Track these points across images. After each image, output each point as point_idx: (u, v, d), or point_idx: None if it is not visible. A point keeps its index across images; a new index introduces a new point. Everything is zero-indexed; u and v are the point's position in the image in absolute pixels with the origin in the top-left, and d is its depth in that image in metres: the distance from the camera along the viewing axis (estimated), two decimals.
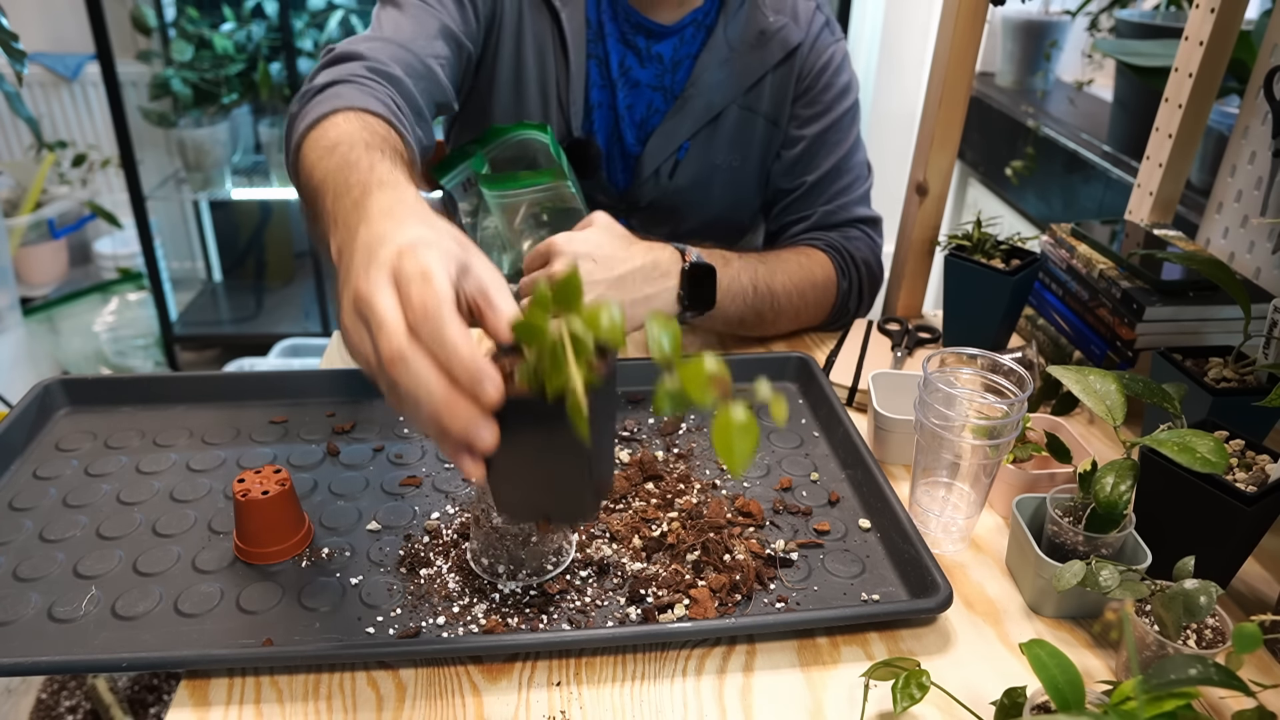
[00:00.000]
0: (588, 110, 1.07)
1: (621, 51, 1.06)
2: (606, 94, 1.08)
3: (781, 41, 1.06)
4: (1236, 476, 0.66)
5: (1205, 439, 0.61)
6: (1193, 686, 0.44)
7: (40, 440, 0.83)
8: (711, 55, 1.05)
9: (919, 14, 2.62)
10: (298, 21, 2.49)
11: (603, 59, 1.06)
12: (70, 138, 2.59)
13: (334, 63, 0.88)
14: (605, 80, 1.07)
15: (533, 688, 0.61)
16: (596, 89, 1.07)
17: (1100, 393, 0.66)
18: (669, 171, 1.10)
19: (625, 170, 1.12)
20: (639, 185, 1.11)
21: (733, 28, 1.06)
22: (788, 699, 0.61)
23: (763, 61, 1.06)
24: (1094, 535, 0.66)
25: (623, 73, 1.07)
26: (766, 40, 1.06)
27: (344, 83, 0.83)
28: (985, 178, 2.32)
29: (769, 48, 1.06)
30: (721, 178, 1.12)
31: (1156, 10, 1.98)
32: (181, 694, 0.60)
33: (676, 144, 1.08)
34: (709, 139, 1.09)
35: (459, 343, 0.48)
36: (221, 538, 0.72)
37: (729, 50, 1.06)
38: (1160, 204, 1.08)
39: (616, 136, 1.10)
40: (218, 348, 2.78)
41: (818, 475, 0.82)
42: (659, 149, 1.08)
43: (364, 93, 0.82)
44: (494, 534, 0.66)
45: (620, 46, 1.06)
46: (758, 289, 0.99)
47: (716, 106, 1.07)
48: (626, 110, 1.09)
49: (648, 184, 1.11)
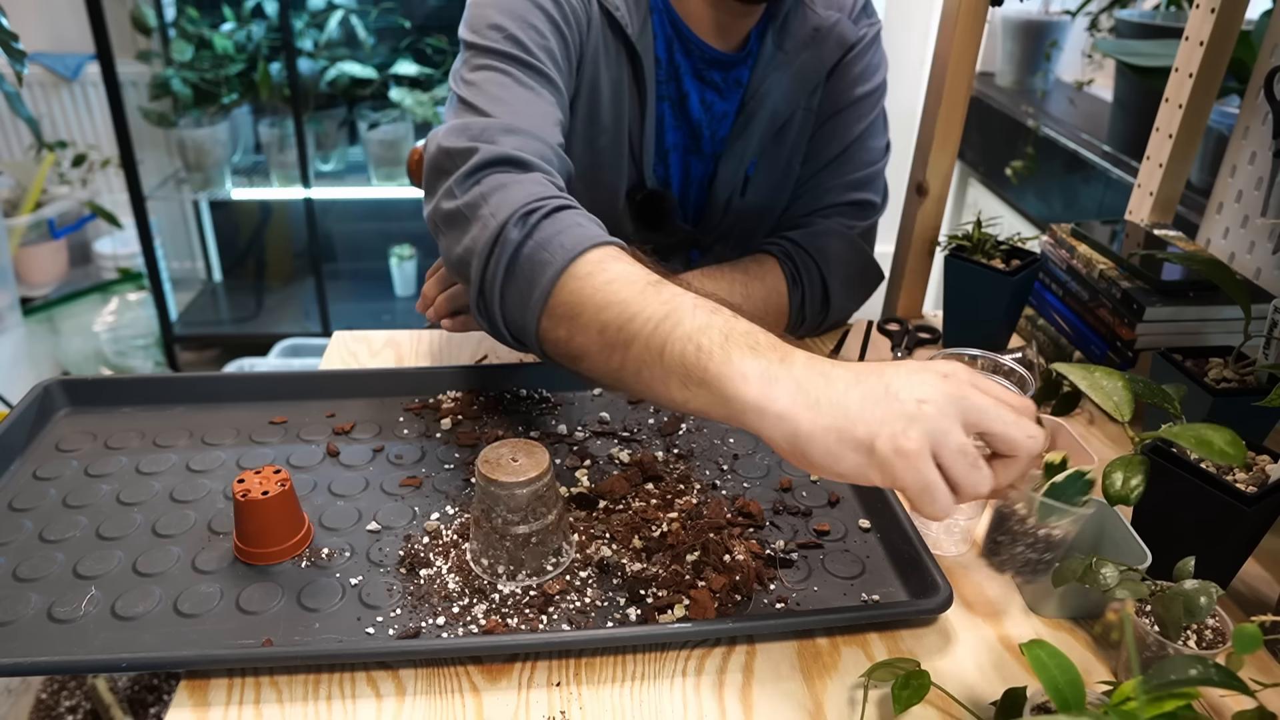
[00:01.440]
0: (661, 155, 1.02)
1: (700, 89, 0.99)
2: (681, 136, 1.02)
3: (838, 39, 1.00)
4: (1236, 477, 0.66)
5: (1221, 432, 0.61)
6: (1193, 687, 0.44)
7: (40, 441, 0.83)
8: (766, 63, 0.99)
9: (919, 14, 2.62)
10: (298, 21, 2.49)
11: (676, 100, 0.99)
12: (70, 138, 2.59)
13: (492, 165, 0.73)
14: (681, 121, 1.01)
15: (532, 688, 0.61)
16: (671, 131, 1.01)
17: (1107, 389, 0.66)
18: (740, 191, 1.04)
19: (699, 202, 1.07)
20: (712, 213, 1.05)
21: (784, 31, 1.00)
22: (788, 699, 0.61)
23: (821, 61, 1.00)
24: (1049, 503, 0.59)
25: (705, 108, 1.00)
26: (822, 37, 1.00)
27: (568, 209, 0.70)
28: (985, 178, 2.32)
29: (826, 45, 1.00)
30: (787, 185, 1.07)
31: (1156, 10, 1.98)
32: (181, 694, 0.60)
33: (746, 161, 1.02)
34: (775, 149, 1.03)
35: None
36: (221, 538, 0.72)
37: (783, 54, 1.00)
38: (1160, 204, 1.08)
39: (696, 175, 1.05)
40: (218, 348, 2.78)
41: (817, 476, 0.82)
42: (731, 171, 1.02)
43: (587, 218, 0.70)
44: (494, 534, 0.66)
45: (697, 84, 0.99)
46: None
47: (782, 114, 1.01)
48: (717, 145, 1.03)
49: (720, 210, 1.05)
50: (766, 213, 1.08)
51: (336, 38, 2.56)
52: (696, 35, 0.97)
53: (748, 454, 0.84)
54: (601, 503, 0.76)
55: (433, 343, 1.05)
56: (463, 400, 0.90)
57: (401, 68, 2.55)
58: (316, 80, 2.54)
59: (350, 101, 2.63)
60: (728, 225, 1.07)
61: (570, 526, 0.73)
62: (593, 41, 0.91)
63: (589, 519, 0.75)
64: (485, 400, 0.91)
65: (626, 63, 0.94)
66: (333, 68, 2.52)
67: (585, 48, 0.91)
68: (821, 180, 1.06)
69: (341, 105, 2.62)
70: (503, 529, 0.66)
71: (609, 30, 0.92)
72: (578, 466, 0.82)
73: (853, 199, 1.06)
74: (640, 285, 0.62)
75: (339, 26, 2.53)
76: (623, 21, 0.91)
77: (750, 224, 1.08)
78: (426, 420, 0.88)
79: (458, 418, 0.88)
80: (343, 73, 2.52)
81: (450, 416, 0.88)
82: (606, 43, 0.92)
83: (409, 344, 1.05)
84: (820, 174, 1.06)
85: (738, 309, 0.64)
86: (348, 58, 2.55)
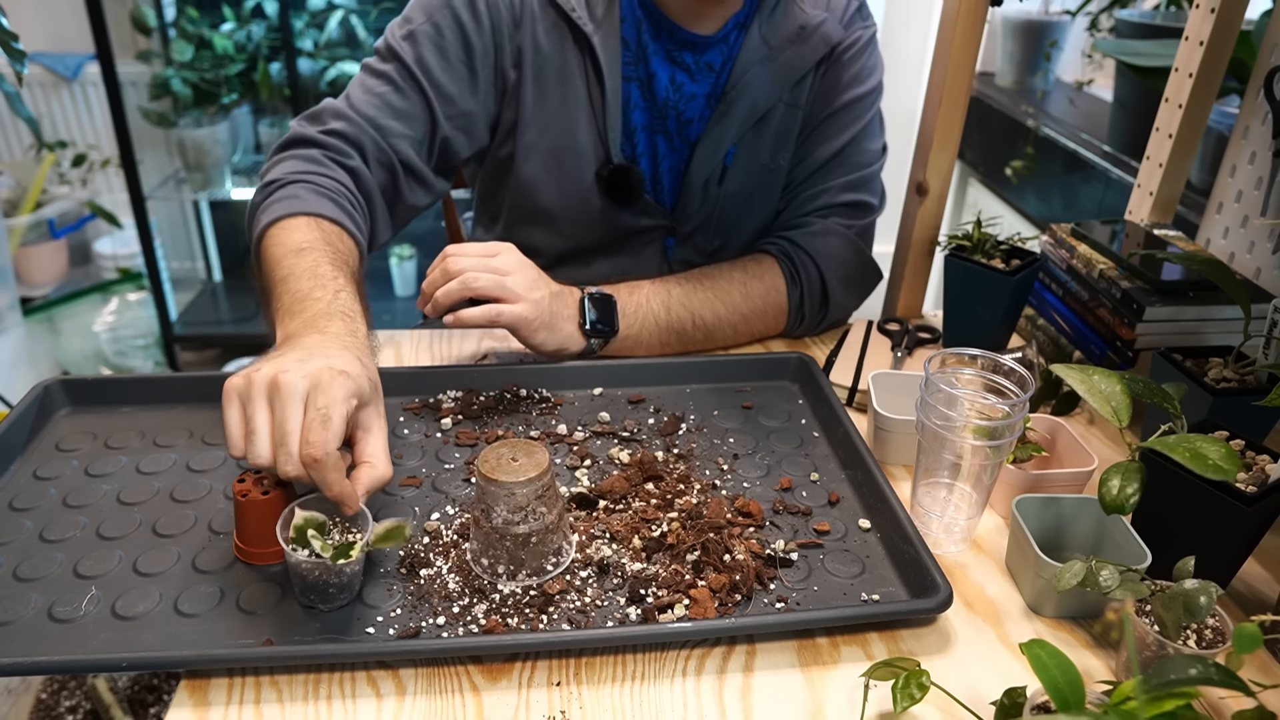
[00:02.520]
0: (628, 134, 1.04)
1: (670, 70, 1.02)
2: (649, 116, 1.04)
3: (823, 37, 1.02)
4: (1237, 477, 0.66)
5: (1217, 445, 0.61)
6: (1193, 687, 0.44)
7: (40, 440, 0.83)
8: (750, 55, 1.01)
9: (919, 14, 2.62)
10: (298, 21, 2.49)
11: (645, 80, 1.02)
12: (70, 138, 2.59)
13: (293, 145, 0.95)
14: (649, 101, 1.03)
15: (533, 688, 0.61)
16: (639, 111, 1.03)
17: (1106, 393, 0.66)
18: (718, 179, 1.06)
19: (674, 186, 1.08)
20: (688, 199, 1.07)
21: (770, 25, 1.02)
22: (788, 699, 0.61)
23: (804, 58, 1.02)
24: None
25: (675, 89, 1.03)
26: (807, 35, 1.02)
27: (302, 183, 0.89)
28: (985, 178, 2.32)
29: (810, 43, 1.02)
30: (769, 180, 1.08)
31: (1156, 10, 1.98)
32: (181, 694, 0.60)
33: (724, 149, 1.04)
34: (755, 140, 1.05)
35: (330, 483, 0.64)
36: (221, 538, 0.72)
37: (768, 48, 1.02)
38: (1160, 204, 1.08)
39: (665, 154, 1.06)
40: (218, 348, 2.78)
41: (818, 475, 0.82)
42: (706, 157, 1.04)
43: (320, 196, 0.89)
44: (494, 534, 0.66)
45: (668, 65, 1.02)
46: (671, 311, 0.98)
47: (762, 106, 1.03)
48: (683, 125, 1.05)
49: (697, 196, 1.07)
50: (747, 206, 1.09)
51: (336, 38, 2.56)
52: (668, 17, 1.00)
53: (748, 454, 0.84)
54: (601, 503, 0.76)
55: (433, 342, 1.05)
56: (463, 400, 0.90)
57: None
58: (316, 80, 2.54)
59: None
60: (705, 213, 1.08)
61: (570, 526, 0.73)
62: (527, 31, 0.98)
63: (589, 519, 0.75)
64: (485, 400, 0.91)
65: (574, 47, 0.99)
66: (333, 68, 2.52)
67: (520, 37, 0.98)
68: (817, 181, 1.07)
69: None
70: (503, 529, 0.66)
71: (555, 17, 0.98)
72: (578, 466, 0.82)
73: (849, 200, 1.07)
74: (290, 249, 0.82)
75: (339, 26, 2.53)
76: (567, 7, 0.97)
77: (731, 216, 1.10)
78: (426, 420, 0.88)
79: (458, 418, 0.88)
80: (343, 73, 2.52)
81: (450, 416, 0.88)
82: (551, 30, 0.98)
83: (409, 344, 1.05)
84: (816, 175, 1.07)
85: (736, 309, 1.00)
86: (348, 58, 2.55)
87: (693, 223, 1.09)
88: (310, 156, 0.93)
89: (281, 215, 0.86)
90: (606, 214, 1.06)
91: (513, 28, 0.98)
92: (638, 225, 1.08)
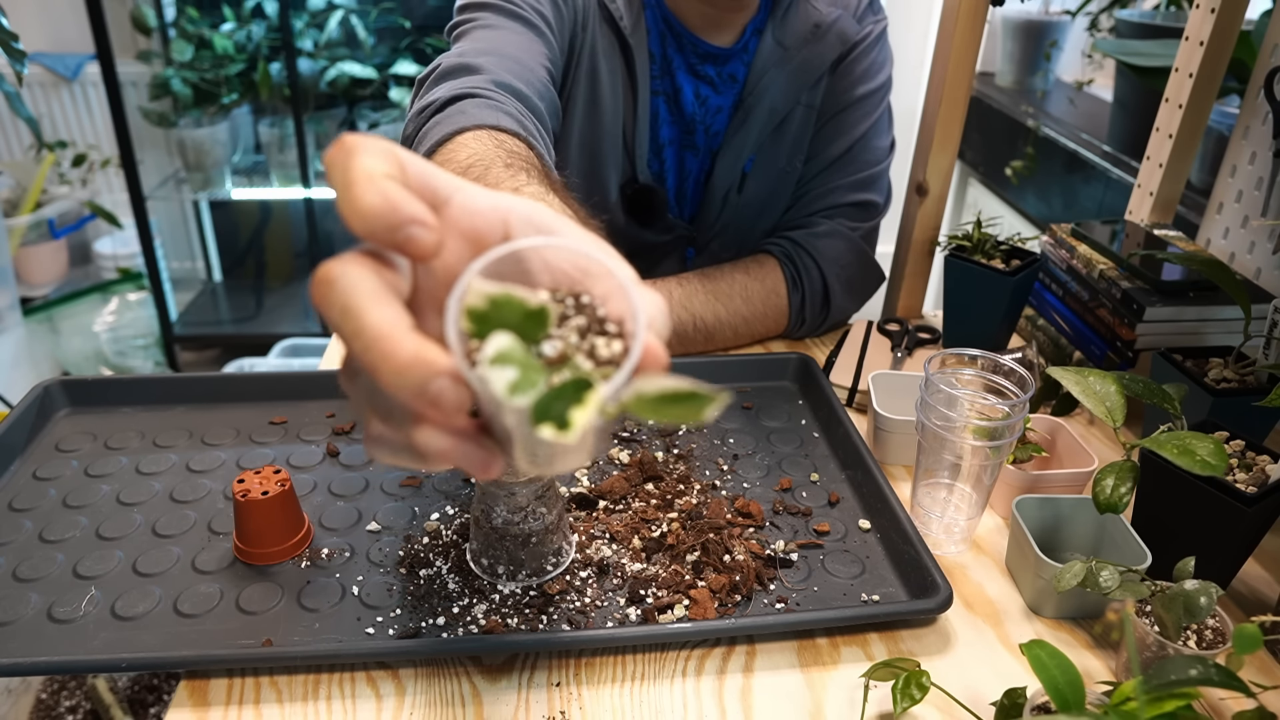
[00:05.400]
0: (655, 150, 1.03)
1: (694, 83, 1.00)
2: (677, 130, 1.03)
3: (839, 34, 1.00)
4: (1236, 477, 0.66)
5: (1205, 441, 0.61)
6: (1193, 687, 0.44)
7: (40, 441, 0.83)
8: (765, 59, 1.00)
9: (919, 14, 2.62)
10: (298, 21, 2.50)
11: (671, 94, 1.00)
12: (70, 138, 2.59)
13: (447, 75, 0.80)
14: (676, 115, 1.02)
15: (532, 688, 0.61)
16: (666, 126, 1.02)
17: (1100, 394, 0.66)
18: (737, 187, 1.05)
19: (695, 197, 1.07)
20: (709, 209, 1.05)
21: (782, 27, 1.00)
22: (788, 699, 0.61)
23: (821, 56, 1.00)
24: None
25: (700, 102, 1.01)
26: (823, 34, 1.00)
27: (468, 97, 0.75)
28: (985, 178, 2.32)
29: (826, 41, 1.00)
30: (785, 182, 1.07)
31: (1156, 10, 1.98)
32: (181, 694, 0.60)
33: (744, 157, 1.03)
34: (774, 146, 1.04)
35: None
36: (221, 538, 0.72)
37: (782, 50, 1.00)
38: (1160, 204, 1.08)
39: (692, 169, 1.05)
40: (218, 348, 2.78)
41: (818, 476, 0.82)
42: (727, 166, 1.03)
43: (493, 108, 0.74)
44: (494, 534, 0.66)
45: (691, 79, 1.00)
46: (672, 312, 0.97)
47: (780, 110, 1.01)
48: (710, 140, 1.03)
49: (717, 206, 1.05)
50: (764, 210, 1.08)
51: (336, 38, 2.56)
52: (688, 30, 0.98)
53: (748, 454, 0.84)
54: (601, 503, 0.76)
55: None
56: None
57: (401, 68, 2.55)
58: (316, 80, 2.54)
59: (350, 101, 2.63)
60: (724, 222, 1.07)
61: (570, 526, 0.73)
62: (590, 34, 0.93)
63: (589, 519, 0.75)
64: None
65: (619, 56, 0.96)
66: (333, 68, 2.52)
67: (584, 37, 0.93)
68: (824, 180, 1.07)
69: (341, 105, 2.62)
70: (503, 529, 0.66)
71: (605, 24, 0.94)
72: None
73: (856, 199, 1.06)
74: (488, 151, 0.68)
75: (339, 26, 2.53)
76: (617, 15, 0.93)
77: (748, 221, 1.08)
78: None
79: None
80: (343, 73, 2.52)
81: None
82: (604, 36, 0.94)
83: None
84: (823, 174, 1.06)
85: (736, 312, 0.91)
86: (348, 58, 2.55)
87: (712, 232, 1.08)
88: (470, 82, 0.78)
89: (448, 134, 0.70)
90: (630, 229, 1.05)
91: (582, 21, 0.94)
92: (659, 241, 1.08)
